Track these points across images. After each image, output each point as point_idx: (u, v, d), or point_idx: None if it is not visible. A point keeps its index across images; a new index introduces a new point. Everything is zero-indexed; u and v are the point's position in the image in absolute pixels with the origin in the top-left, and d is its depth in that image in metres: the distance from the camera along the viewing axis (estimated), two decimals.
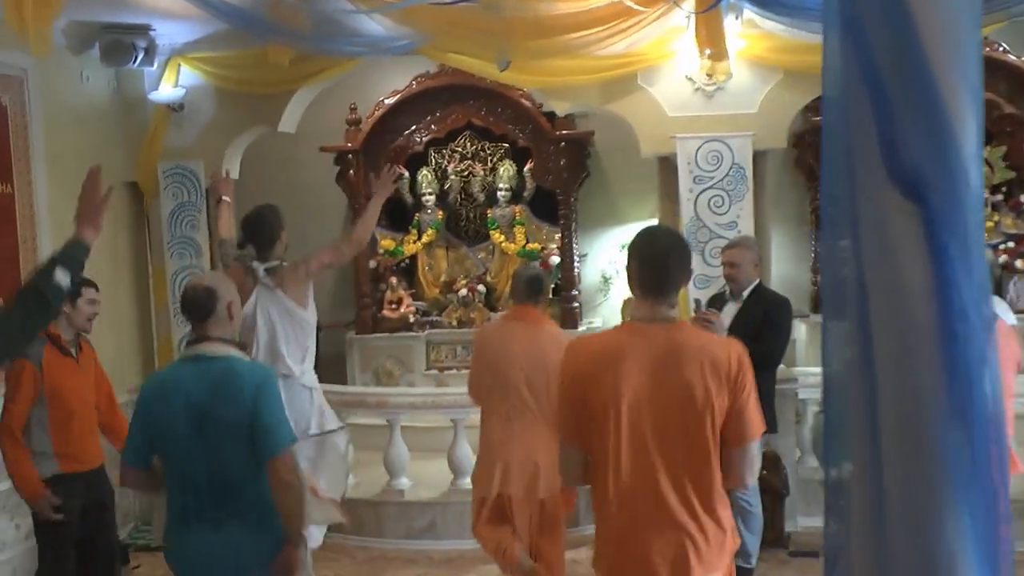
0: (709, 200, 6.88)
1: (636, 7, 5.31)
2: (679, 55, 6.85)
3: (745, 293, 5.45)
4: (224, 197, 5.71)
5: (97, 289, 4.93)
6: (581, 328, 8.55)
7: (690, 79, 6.93)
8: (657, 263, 2.85)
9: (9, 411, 4.55)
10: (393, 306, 8.91)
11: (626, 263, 2.95)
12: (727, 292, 5.54)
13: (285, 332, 5.02)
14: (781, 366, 6.26)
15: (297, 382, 5.08)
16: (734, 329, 5.09)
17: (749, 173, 6.91)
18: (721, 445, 2.85)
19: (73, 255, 3.15)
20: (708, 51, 5.83)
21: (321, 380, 9.18)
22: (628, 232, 8.95)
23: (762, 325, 5.31)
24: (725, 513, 2.89)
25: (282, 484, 3.27)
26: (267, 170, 9.42)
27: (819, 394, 6.56)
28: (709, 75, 6.84)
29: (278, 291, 4.99)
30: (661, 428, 2.82)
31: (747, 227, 6.88)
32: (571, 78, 6.70)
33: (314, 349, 5.29)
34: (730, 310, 5.42)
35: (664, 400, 2.81)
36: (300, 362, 5.11)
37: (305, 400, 5.13)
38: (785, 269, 8.55)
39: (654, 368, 2.81)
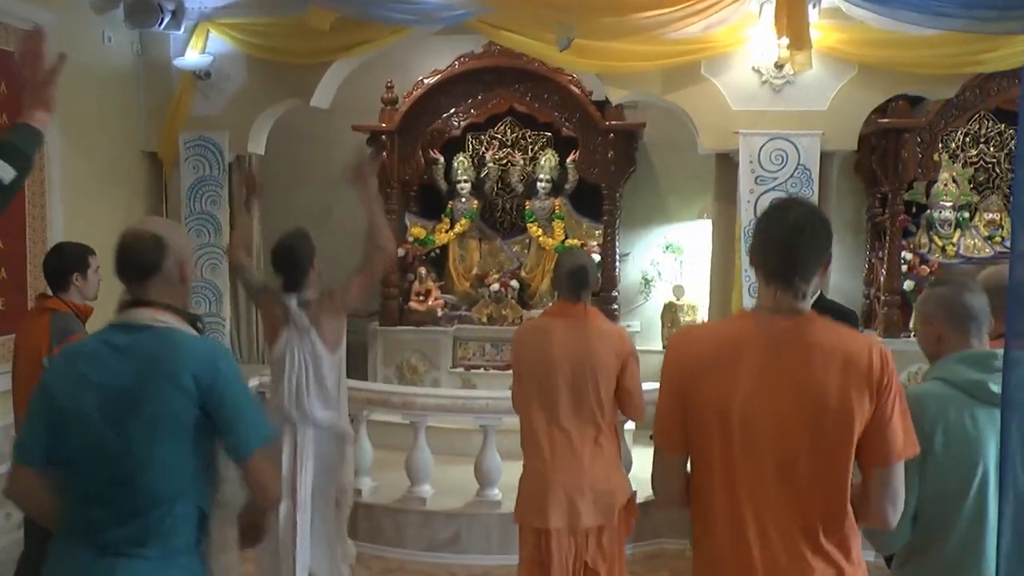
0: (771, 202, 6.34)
1: None
2: (747, 45, 6.34)
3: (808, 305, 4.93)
4: (253, 203, 5.23)
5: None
6: None
7: (757, 71, 6.42)
8: (787, 243, 2.35)
9: None
10: (421, 298, 8.44)
11: (751, 242, 2.49)
12: None
13: (313, 376, 4.53)
14: None
15: (327, 431, 4.61)
16: None
17: (815, 175, 6.40)
18: (858, 467, 2.37)
19: (17, 144, 2.44)
20: (787, 39, 5.29)
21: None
22: (674, 232, 8.51)
23: None
24: (857, 547, 2.39)
25: (258, 486, 2.55)
26: (294, 146, 9.06)
27: None
28: (779, 67, 6.32)
29: (312, 331, 4.50)
30: (784, 441, 2.33)
31: None
32: (632, 63, 6.19)
33: (346, 393, 4.84)
34: None
35: (789, 407, 2.33)
36: (331, 407, 4.61)
37: (335, 452, 4.64)
38: (836, 281, 8.02)
39: (778, 367, 2.35)
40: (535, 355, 3.98)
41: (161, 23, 6.61)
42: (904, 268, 7.76)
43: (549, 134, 8.60)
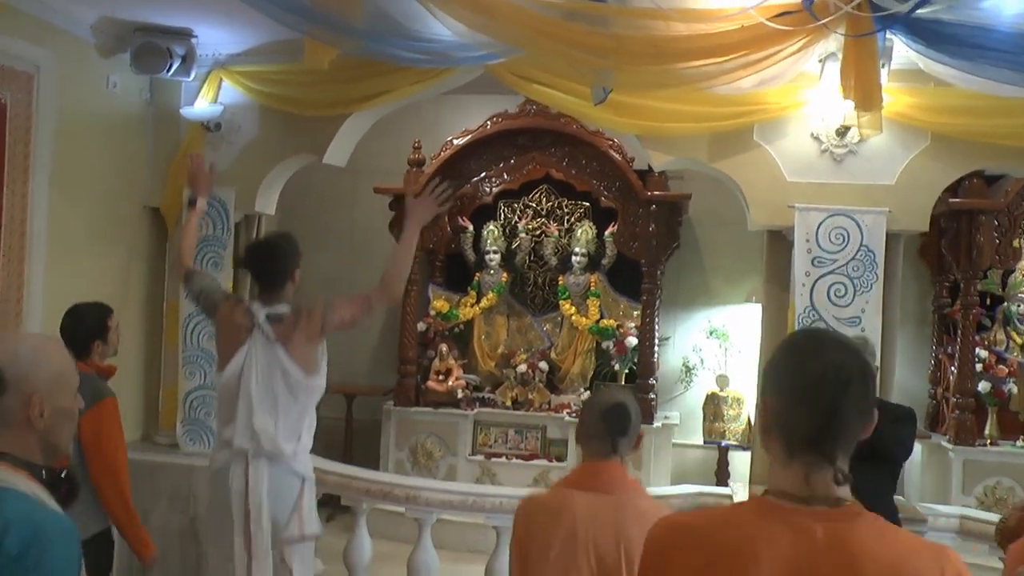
0: (830, 287, 5.62)
1: (779, 27, 4.10)
2: (805, 108, 5.68)
3: None
4: (200, 200, 4.60)
5: None
6: (655, 424, 7.29)
7: (816, 138, 5.74)
8: (825, 397, 1.66)
9: (113, 455, 3.92)
10: (440, 377, 7.79)
11: (761, 391, 1.80)
12: None
13: (276, 401, 3.89)
14: (899, 497, 5.17)
15: (287, 466, 3.93)
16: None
17: (880, 259, 5.65)
18: None
19: None
20: (854, 98, 4.61)
21: (351, 455, 8.27)
22: (719, 316, 7.81)
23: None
24: None
25: None
26: (313, 207, 8.62)
27: (954, 540, 5.27)
28: (841, 133, 5.64)
29: (279, 347, 3.86)
30: None
31: (873, 325, 5.59)
32: (676, 125, 5.55)
33: (314, 424, 4.14)
34: None
35: None
36: (294, 441, 3.96)
37: (293, 492, 3.97)
38: (898, 378, 7.22)
39: None
40: (548, 542, 2.81)
41: (169, 69, 6.16)
42: (978, 367, 6.94)
43: (587, 204, 8.03)
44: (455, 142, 7.54)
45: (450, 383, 7.75)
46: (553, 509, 2.82)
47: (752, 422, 7.30)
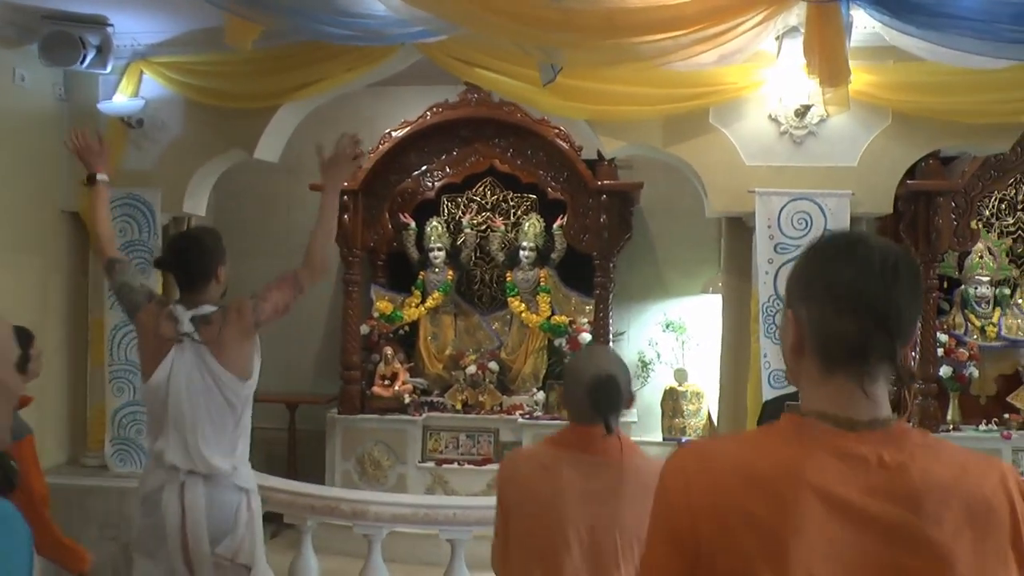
0: None
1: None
2: (763, 88, 5.44)
3: None
4: (99, 175, 4.12)
5: None
6: None
7: (775, 120, 5.50)
8: (872, 295, 1.42)
9: (33, 491, 3.60)
10: (386, 382, 7.42)
11: (785, 304, 1.55)
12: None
13: (210, 413, 3.52)
14: None
15: (225, 482, 3.57)
16: None
17: None
18: None
19: None
20: (819, 73, 4.35)
21: (296, 468, 7.86)
22: (674, 309, 7.56)
23: None
24: None
25: None
26: (247, 209, 8.20)
27: None
28: (800, 114, 5.41)
29: (208, 352, 3.49)
30: None
31: None
32: (629, 108, 5.27)
33: (249, 429, 3.77)
34: None
35: None
36: (230, 454, 3.60)
37: (233, 506, 3.62)
38: None
39: (873, 531, 1.37)
40: (534, 507, 2.57)
41: (83, 61, 5.71)
42: (939, 352, 6.77)
43: (534, 196, 7.71)
44: (394, 134, 7.17)
45: (396, 388, 7.39)
46: (542, 462, 2.59)
47: (712, 417, 7.06)
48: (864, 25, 5.16)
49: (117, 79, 6.08)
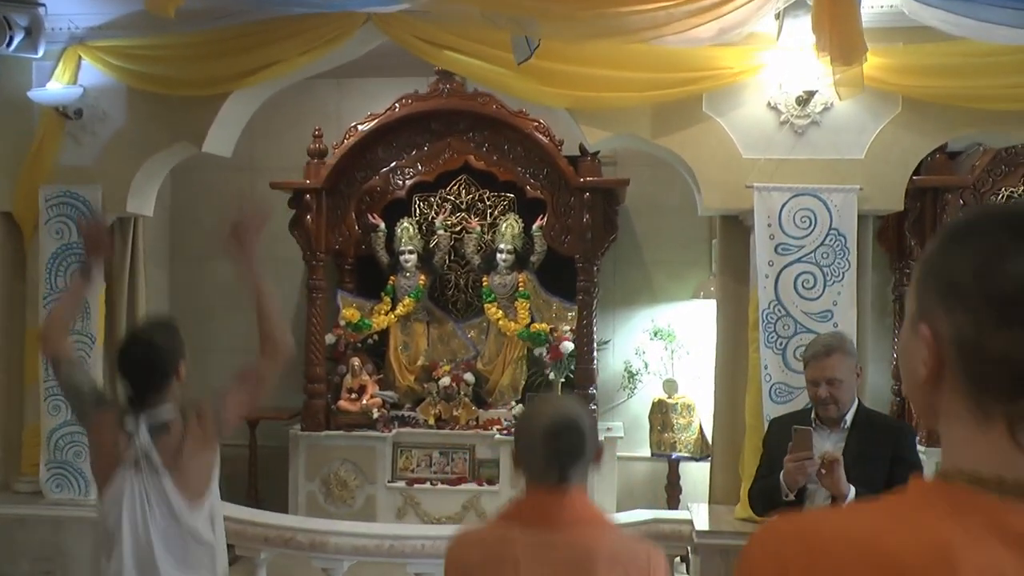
0: (797, 278, 4.89)
1: None
2: (761, 74, 4.95)
3: (848, 419, 3.53)
4: (94, 268, 3.63)
5: None
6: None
7: (774, 108, 5.00)
8: None
9: None
10: (353, 396, 6.93)
11: (918, 313, 1.06)
12: (814, 417, 3.60)
13: (170, 542, 3.02)
14: None
15: None
16: (849, 477, 3.34)
17: (852, 243, 4.94)
18: None
19: None
20: (831, 51, 3.86)
21: (256, 489, 7.31)
22: (663, 315, 7.10)
23: (896, 471, 3.44)
24: None
25: None
26: (205, 209, 7.71)
27: None
28: (802, 102, 4.93)
29: (166, 476, 2.98)
30: None
31: (848, 319, 4.88)
32: (614, 95, 4.76)
33: (222, 545, 3.28)
34: (822, 445, 3.51)
35: None
36: None
37: None
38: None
39: None
40: None
41: (10, 43, 5.19)
42: None
43: (511, 195, 7.25)
44: (360, 128, 6.65)
45: (364, 402, 6.88)
46: (491, 545, 2.19)
47: (704, 431, 6.56)
48: (871, 5, 4.71)
49: (53, 65, 5.56)
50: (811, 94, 4.88)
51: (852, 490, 3.31)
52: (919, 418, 1.06)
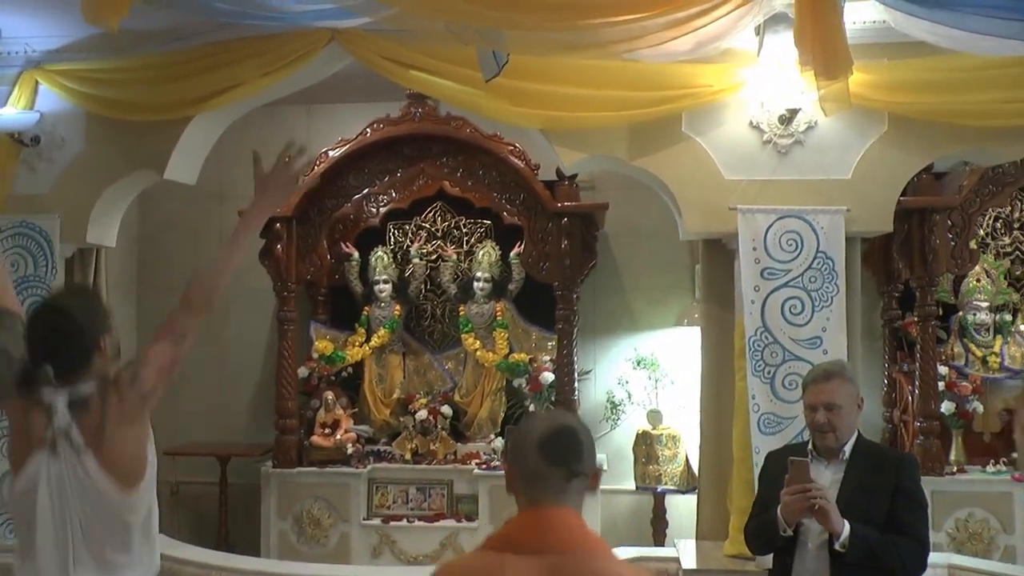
0: (784, 303, 4.70)
1: None
2: (742, 91, 4.79)
3: (847, 451, 3.29)
4: None
5: None
6: None
7: (756, 127, 4.85)
8: None
9: None
10: (327, 430, 6.67)
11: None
12: (811, 448, 3.38)
13: (94, 533, 2.69)
14: None
15: None
16: (848, 511, 3.13)
17: (840, 266, 4.77)
18: None
19: None
20: (814, 64, 3.69)
21: (227, 528, 7.02)
22: (645, 343, 6.89)
23: (897, 504, 3.23)
24: None
25: None
26: (174, 240, 7.50)
27: None
28: (785, 121, 4.78)
29: (87, 457, 2.65)
30: None
31: (838, 346, 4.69)
32: (588, 115, 4.59)
33: (156, 543, 2.92)
34: (819, 477, 3.26)
35: None
36: None
37: None
38: None
39: None
40: None
41: None
42: (940, 385, 6.11)
43: (488, 222, 7.03)
44: (330, 154, 6.43)
45: (338, 437, 6.61)
46: (480, 570, 1.97)
47: (691, 463, 6.34)
48: (853, 20, 4.56)
49: (8, 90, 5.37)
50: (794, 112, 4.73)
51: (847, 525, 3.10)
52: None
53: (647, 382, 6.72)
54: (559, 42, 3.74)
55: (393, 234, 7.15)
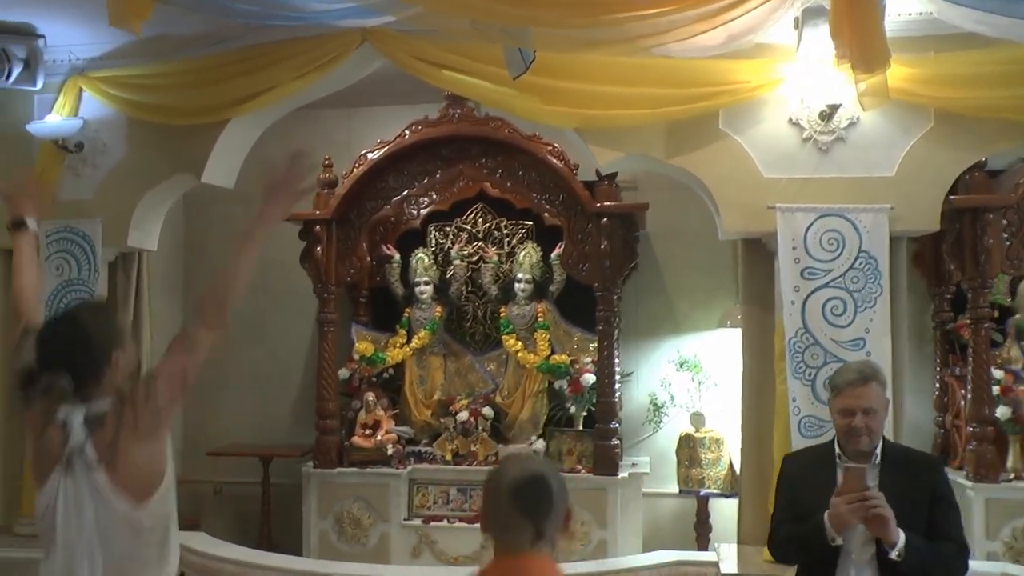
0: (825, 304, 4.59)
1: None
2: (781, 88, 4.69)
3: (878, 454, 3.20)
4: (28, 220, 3.22)
5: None
6: (622, 473, 6.20)
7: (796, 124, 4.76)
8: None
9: None
10: (368, 431, 6.66)
11: None
12: (838, 451, 3.24)
13: (110, 549, 2.70)
14: None
15: None
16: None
17: (884, 266, 4.65)
18: None
19: None
20: (851, 58, 3.59)
21: (269, 528, 7.07)
22: (688, 345, 6.80)
23: (936, 510, 3.15)
24: None
25: None
26: (216, 243, 7.51)
27: None
28: (826, 117, 4.67)
29: (99, 472, 2.65)
30: None
31: (881, 348, 4.58)
32: (623, 112, 4.51)
33: (173, 553, 2.91)
34: None
35: None
36: None
37: None
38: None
39: None
40: None
41: (9, 76, 5.09)
42: (995, 390, 5.91)
43: (529, 223, 6.96)
44: (369, 156, 6.43)
45: (379, 437, 6.61)
46: None
47: (734, 466, 6.22)
48: (898, 12, 4.44)
49: (54, 97, 5.47)
50: (835, 108, 4.62)
51: (902, 534, 2.98)
52: None
53: (690, 384, 6.63)
54: (584, 38, 3.68)
55: (434, 236, 7.13)
